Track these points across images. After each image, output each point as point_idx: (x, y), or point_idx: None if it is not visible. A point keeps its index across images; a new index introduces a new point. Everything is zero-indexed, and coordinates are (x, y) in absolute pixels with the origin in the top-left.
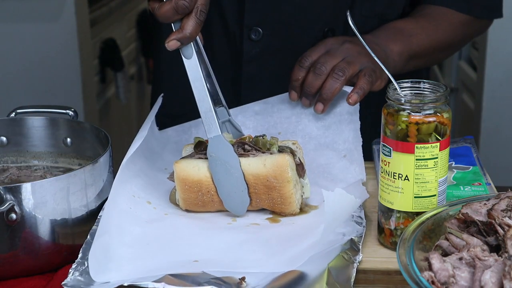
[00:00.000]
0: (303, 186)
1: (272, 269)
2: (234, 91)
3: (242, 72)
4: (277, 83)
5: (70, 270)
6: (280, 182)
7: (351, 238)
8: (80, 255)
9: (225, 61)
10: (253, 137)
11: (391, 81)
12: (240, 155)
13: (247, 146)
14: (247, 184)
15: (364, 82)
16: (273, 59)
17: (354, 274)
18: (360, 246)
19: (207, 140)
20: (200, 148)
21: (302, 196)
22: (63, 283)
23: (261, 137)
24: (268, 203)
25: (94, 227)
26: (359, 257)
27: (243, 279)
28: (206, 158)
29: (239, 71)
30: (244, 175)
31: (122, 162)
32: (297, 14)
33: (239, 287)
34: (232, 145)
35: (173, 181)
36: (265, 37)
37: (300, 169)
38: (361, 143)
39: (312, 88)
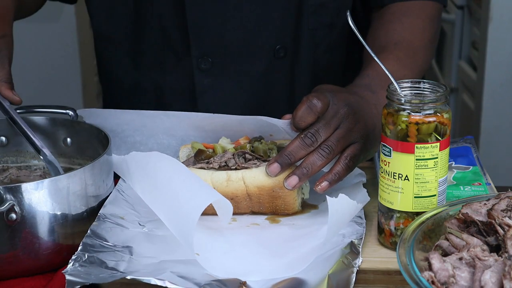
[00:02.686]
0: (302, 188)
1: (273, 274)
2: None
3: (197, 104)
4: (235, 111)
5: (70, 261)
6: (286, 191)
7: (351, 241)
8: (80, 247)
9: (180, 94)
10: (249, 138)
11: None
12: (242, 168)
13: (247, 155)
14: (249, 195)
15: (341, 167)
16: (227, 86)
17: (354, 279)
18: (360, 249)
19: (209, 147)
20: (201, 156)
21: (302, 197)
22: (63, 271)
23: (259, 142)
24: (271, 209)
25: (94, 223)
26: (359, 260)
27: (244, 283)
28: (208, 168)
29: (194, 102)
30: (248, 187)
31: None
32: (244, 37)
33: None
34: (233, 154)
35: None
36: (215, 65)
37: None
38: None
39: (293, 157)
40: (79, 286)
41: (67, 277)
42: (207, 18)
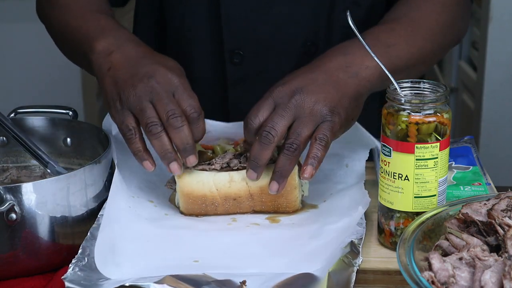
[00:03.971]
0: (302, 185)
1: (272, 270)
2: (222, 116)
3: (228, 97)
4: None
5: (70, 265)
6: (288, 189)
7: (351, 241)
8: (80, 251)
9: (210, 86)
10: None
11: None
12: (244, 168)
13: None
14: (252, 195)
15: (316, 149)
16: (258, 81)
17: (354, 278)
18: (360, 249)
19: (209, 148)
20: (202, 158)
21: (302, 195)
22: (63, 277)
23: None
24: (273, 208)
25: (94, 225)
26: (359, 260)
27: (243, 282)
28: (210, 170)
29: (225, 95)
30: (250, 187)
31: (116, 168)
32: (276, 32)
33: None
34: (233, 154)
35: (171, 188)
36: (247, 60)
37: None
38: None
39: (259, 160)
40: None
41: (67, 283)
42: (240, 12)
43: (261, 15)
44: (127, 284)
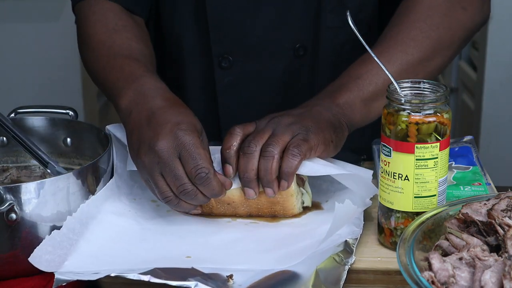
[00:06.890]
0: (302, 194)
1: (261, 266)
2: (212, 122)
3: (218, 102)
4: (255, 109)
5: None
6: (285, 197)
7: (346, 240)
8: None
9: (201, 91)
10: None
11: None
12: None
13: None
14: (247, 200)
15: (288, 158)
16: (247, 85)
17: (345, 276)
18: (354, 248)
19: None
20: None
21: (302, 203)
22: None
23: None
24: (270, 214)
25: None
26: (352, 259)
27: (230, 276)
28: None
29: (214, 101)
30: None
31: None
32: (264, 36)
33: (225, 284)
34: None
35: None
36: (235, 64)
37: (298, 178)
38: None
39: (247, 173)
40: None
41: (56, 275)
42: (227, 17)
43: (249, 19)
44: (112, 275)
